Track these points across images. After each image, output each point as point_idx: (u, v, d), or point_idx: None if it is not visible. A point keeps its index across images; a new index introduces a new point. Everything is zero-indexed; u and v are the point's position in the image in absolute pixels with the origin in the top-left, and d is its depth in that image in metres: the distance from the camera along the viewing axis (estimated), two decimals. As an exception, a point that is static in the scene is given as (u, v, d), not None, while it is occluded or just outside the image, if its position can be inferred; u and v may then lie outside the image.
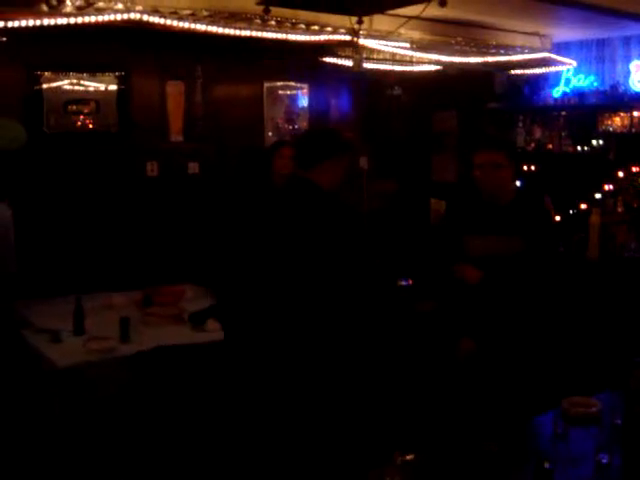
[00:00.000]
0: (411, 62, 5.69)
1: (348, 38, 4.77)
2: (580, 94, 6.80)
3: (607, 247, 5.44)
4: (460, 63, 5.43)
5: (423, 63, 5.81)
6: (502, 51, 5.41)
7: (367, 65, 5.37)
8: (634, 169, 6.47)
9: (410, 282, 6.04)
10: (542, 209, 3.98)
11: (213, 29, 4.58)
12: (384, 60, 5.59)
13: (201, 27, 4.54)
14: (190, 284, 5.31)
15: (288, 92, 6.96)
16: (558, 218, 6.18)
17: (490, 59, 5.33)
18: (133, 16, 4.11)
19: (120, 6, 4.16)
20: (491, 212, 3.89)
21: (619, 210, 5.74)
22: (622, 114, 6.47)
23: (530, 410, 3.61)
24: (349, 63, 5.47)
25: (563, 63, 5.97)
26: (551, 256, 3.89)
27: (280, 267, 3.56)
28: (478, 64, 5.48)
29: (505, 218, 3.85)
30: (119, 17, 4.10)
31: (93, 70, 5.84)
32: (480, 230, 3.93)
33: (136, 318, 4.49)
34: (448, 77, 6.93)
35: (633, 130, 6.41)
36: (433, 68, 5.99)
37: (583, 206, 6.60)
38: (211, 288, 5.18)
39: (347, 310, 3.59)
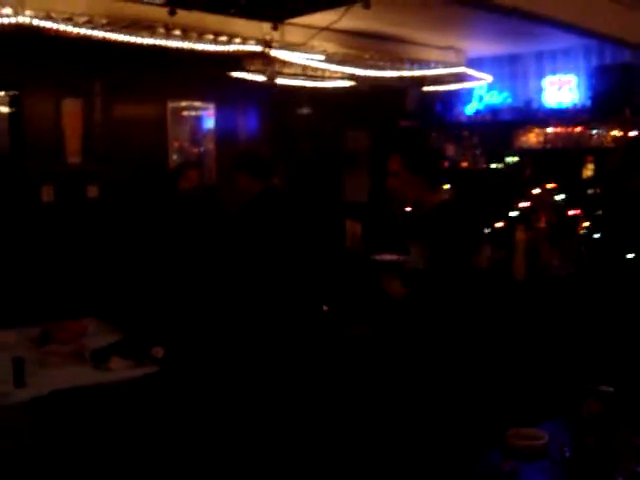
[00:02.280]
0: (323, 77, 5.42)
1: (259, 49, 4.46)
2: (494, 110, 6.70)
3: (533, 266, 5.28)
4: (375, 77, 5.19)
5: (336, 78, 5.55)
6: (417, 66, 5.21)
7: (278, 81, 5.08)
8: (549, 186, 6.36)
9: (326, 309, 5.79)
10: (453, 220, 3.72)
11: (112, 36, 4.20)
12: (295, 75, 5.31)
13: (98, 34, 4.15)
14: (92, 318, 4.89)
15: (193, 112, 6.61)
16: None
17: (406, 73, 5.11)
18: (22, 20, 3.70)
19: (8, 11, 3.74)
20: (410, 222, 3.69)
21: (541, 226, 5.59)
22: (537, 130, 6.38)
23: (467, 443, 3.38)
24: (259, 78, 5.16)
25: (479, 78, 5.83)
26: (454, 270, 3.62)
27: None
28: (393, 79, 5.26)
29: (420, 227, 3.65)
30: (6, 21, 3.68)
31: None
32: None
33: (32, 358, 4.05)
34: (359, 95, 6.73)
35: (548, 146, 6.31)
36: (346, 84, 5.73)
37: (499, 224, 6.46)
38: (116, 321, 4.78)
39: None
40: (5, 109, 5.52)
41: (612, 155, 6.13)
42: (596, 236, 5.75)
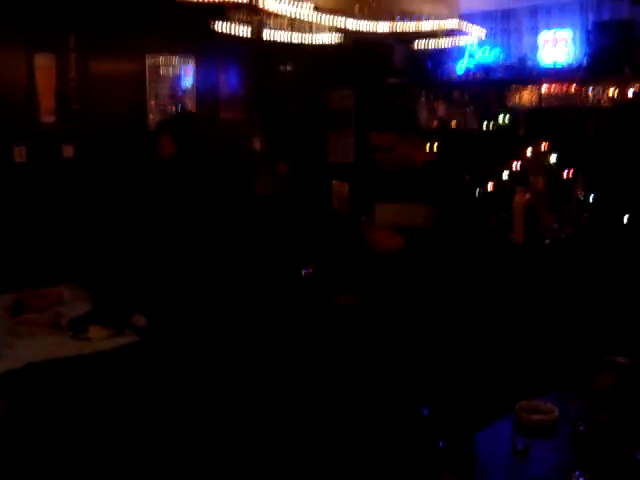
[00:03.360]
0: (310, 30, 5.15)
1: (246, -2, 4.19)
2: (486, 69, 6.45)
3: (532, 229, 5.09)
4: (364, 32, 4.92)
5: (323, 31, 5.27)
6: (408, 18, 4.95)
7: (264, 35, 4.81)
8: (543, 146, 6.15)
9: (310, 270, 5.60)
10: (460, 179, 3.55)
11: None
12: (280, 28, 5.03)
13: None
14: (68, 284, 4.66)
15: (172, 69, 6.30)
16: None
17: (399, 25, 4.85)
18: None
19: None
20: (400, 179, 3.48)
21: (539, 188, 5.39)
22: (530, 89, 6.15)
23: (472, 416, 3.21)
24: (243, 31, 4.88)
25: (471, 33, 5.56)
26: (470, 232, 3.45)
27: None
28: (381, 34, 4.99)
29: (415, 184, 3.44)
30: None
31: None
32: (389, 197, 3.51)
33: (5, 328, 3.83)
34: (344, 52, 6.45)
35: (543, 105, 6.09)
36: (334, 38, 5.46)
37: (490, 186, 6.28)
38: (94, 288, 4.56)
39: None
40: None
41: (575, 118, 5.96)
42: (591, 198, 5.58)
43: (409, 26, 4.91)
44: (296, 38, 5.16)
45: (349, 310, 4.68)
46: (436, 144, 6.56)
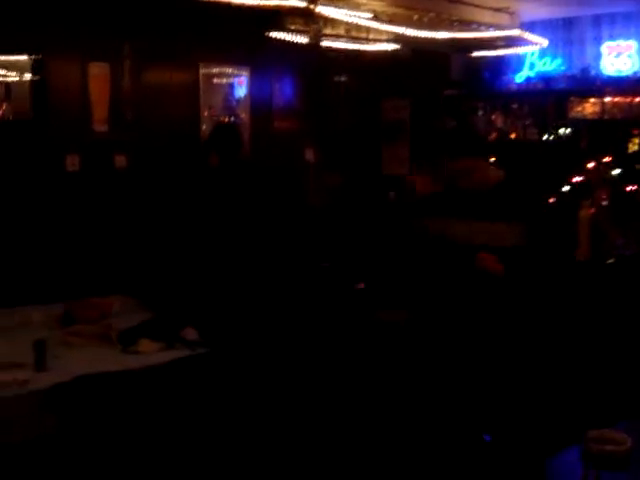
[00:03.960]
0: (367, 40, 5.04)
1: (303, 4, 4.08)
2: (547, 79, 6.28)
3: (597, 245, 4.89)
4: (421, 40, 4.80)
5: (380, 41, 5.16)
6: (467, 27, 4.81)
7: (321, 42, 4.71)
8: (605, 159, 5.95)
9: (362, 285, 5.47)
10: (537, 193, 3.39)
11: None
12: (338, 37, 4.93)
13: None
14: (119, 295, 4.58)
15: (226, 79, 6.23)
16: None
17: (458, 35, 4.72)
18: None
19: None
20: (473, 196, 3.31)
21: (603, 203, 5.20)
22: (593, 100, 5.96)
23: (537, 443, 3.03)
24: (301, 39, 4.78)
25: (532, 43, 5.41)
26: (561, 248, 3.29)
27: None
28: (439, 42, 4.87)
29: (491, 202, 3.27)
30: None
31: (2, 51, 5.02)
32: (463, 214, 3.34)
33: (55, 339, 3.75)
34: (400, 61, 6.34)
35: (605, 117, 5.89)
36: (390, 47, 5.34)
37: (551, 200, 6.07)
38: (145, 299, 4.48)
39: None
40: (28, 74, 5.19)
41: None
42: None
43: (468, 34, 4.76)
44: (352, 47, 5.04)
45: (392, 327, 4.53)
46: (493, 158, 6.39)
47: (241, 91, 6.28)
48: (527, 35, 5.20)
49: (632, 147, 5.97)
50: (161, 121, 5.79)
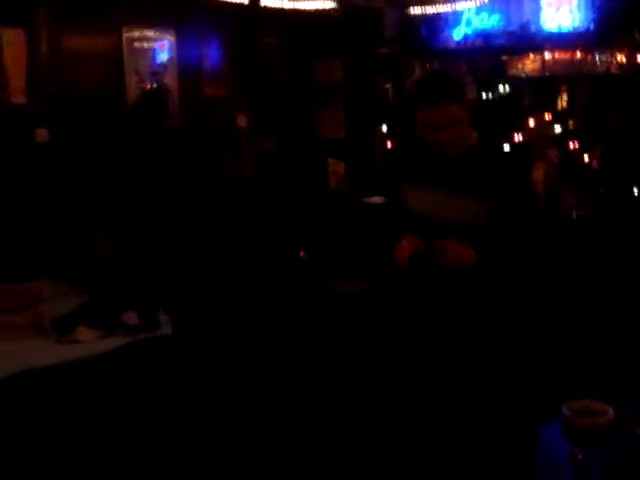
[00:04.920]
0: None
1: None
2: (485, 35, 6.08)
3: (553, 206, 4.76)
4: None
5: (316, -1, 4.89)
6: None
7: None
8: (547, 116, 5.83)
9: (303, 254, 5.27)
10: (515, 164, 3.14)
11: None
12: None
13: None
14: (47, 279, 4.25)
15: (151, 43, 5.86)
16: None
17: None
18: None
19: None
20: (439, 164, 3.03)
21: (555, 161, 5.06)
22: (533, 56, 5.80)
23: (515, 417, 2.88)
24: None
25: (473, -2, 5.21)
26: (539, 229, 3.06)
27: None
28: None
29: (460, 173, 2.98)
30: None
31: None
32: (427, 182, 3.06)
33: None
34: (332, 20, 6.08)
35: (546, 73, 5.75)
36: (327, 5, 5.08)
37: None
38: (78, 282, 4.17)
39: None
40: None
41: (582, 86, 5.65)
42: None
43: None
44: (289, 5, 4.77)
45: (348, 297, 4.35)
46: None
47: (168, 55, 5.92)
48: (468, -11, 5.00)
49: (560, 104, 5.85)
50: (84, 90, 5.43)
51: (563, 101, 5.81)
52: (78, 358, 3.26)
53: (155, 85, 5.89)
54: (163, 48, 5.84)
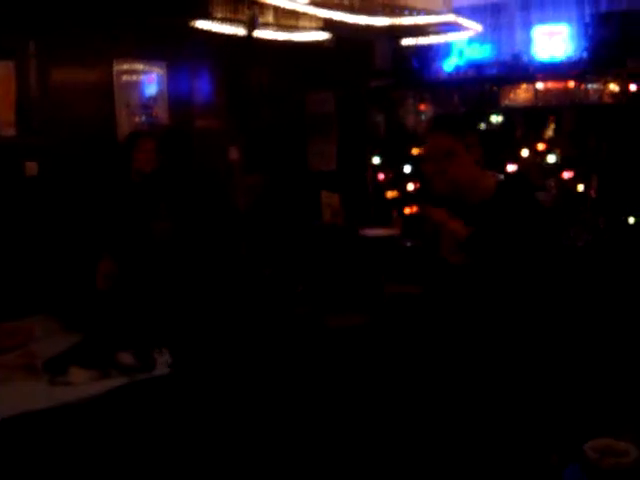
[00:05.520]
0: (296, 28, 4.73)
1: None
2: (477, 66, 6.09)
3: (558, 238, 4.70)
4: (356, 26, 4.51)
5: (310, 29, 4.85)
6: (405, 12, 4.55)
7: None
8: (540, 147, 5.81)
9: (300, 289, 5.21)
10: (533, 209, 2.99)
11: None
12: (265, 25, 4.60)
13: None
14: (38, 316, 4.16)
15: (142, 76, 5.79)
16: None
17: (399, 21, 4.44)
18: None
19: None
20: (459, 213, 2.88)
21: (552, 192, 5.01)
22: (526, 86, 5.79)
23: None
24: (227, 29, 4.44)
25: (467, 28, 5.18)
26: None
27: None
28: (378, 27, 4.58)
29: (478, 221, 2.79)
30: None
31: None
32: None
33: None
34: (323, 52, 6.05)
35: (539, 103, 5.74)
36: (321, 36, 5.04)
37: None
38: (69, 320, 4.07)
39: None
40: None
41: (568, 115, 5.64)
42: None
43: (405, 20, 4.49)
44: (283, 37, 4.72)
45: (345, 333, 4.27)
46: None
47: (159, 88, 5.85)
48: (462, 21, 4.97)
49: (547, 133, 5.85)
50: (74, 123, 5.32)
51: (550, 130, 5.81)
52: (72, 400, 3.15)
53: (144, 118, 5.83)
54: (152, 81, 5.77)
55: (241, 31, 4.37)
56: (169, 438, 3.25)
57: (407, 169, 6.33)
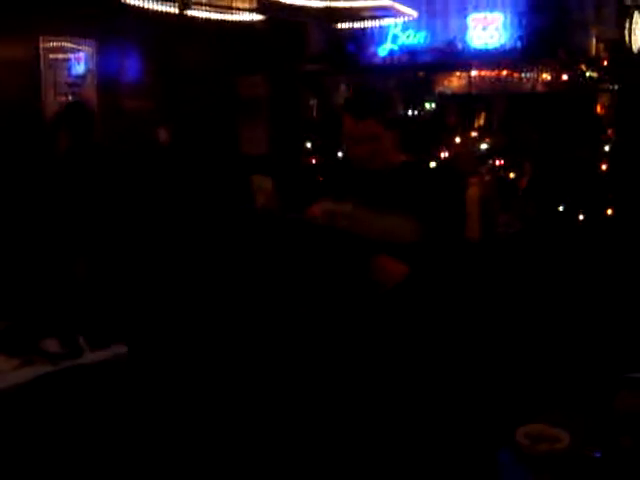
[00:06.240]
0: (230, 9, 4.63)
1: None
2: (412, 52, 6.07)
3: (487, 225, 4.73)
4: (291, 7, 4.44)
5: (244, 10, 4.76)
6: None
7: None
8: (473, 134, 5.84)
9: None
10: (445, 184, 3.06)
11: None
12: (199, 4, 4.50)
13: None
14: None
15: (70, 54, 5.61)
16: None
17: (332, 3, 4.38)
18: None
19: None
20: (368, 179, 2.93)
21: (486, 179, 5.04)
22: (460, 74, 5.81)
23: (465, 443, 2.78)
24: (160, 7, 4.32)
25: (403, 14, 5.16)
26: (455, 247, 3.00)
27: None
28: (313, 9, 4.51)
29: (389, 189, 2.89)
30: None
31: None
32: (352, 199, 2.94)
33: None
34: (256, 34, 5.95)
35: (473, 91, 5.76)
36: (255, 17, 4.95)
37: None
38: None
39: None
40: None
41: (501, 103, 5.71)
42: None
43: (340, 3, 4.44)
44: (216, 17, 4.62)
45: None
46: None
47: (87, 67, 5.67)
48: (398, 6, 4.94)
49: (479, 122, 5.90)
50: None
51: (482, 118, 5.85)
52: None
53: (71, 98, 5.65)
54: (80, 60, 5.60)
55: (173, 9, 4.24)
56: (94, 429, 3.16)
57: (340, 154, 6.29)
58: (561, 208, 5.23)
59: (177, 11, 4.10)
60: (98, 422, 3.16)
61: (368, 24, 5.35)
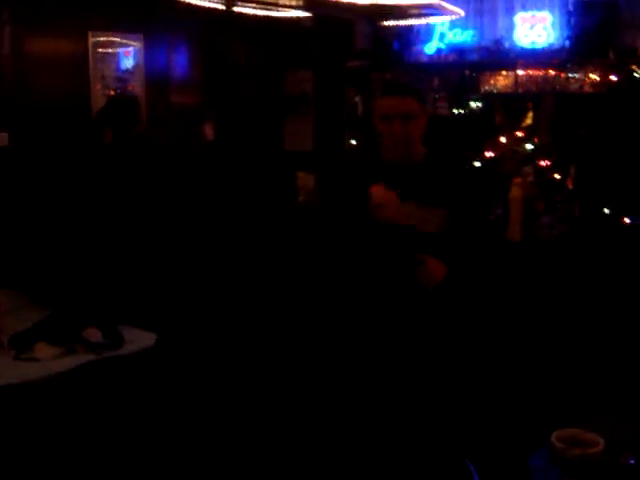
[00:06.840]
0: (276, 6, 4.65)
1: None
2: (458, 50, 6.03)
3: (530, 226, 4.68)
4: (338, 4, 4.44)
5: (290, 8, 4.78)
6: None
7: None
8: (519, 134, 5.78)
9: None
10: (470, 172, 3.10)
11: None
12: (246, 1, 4.53)
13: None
14: (4, 290, 4.05)
15: (118, 49, 5.68)
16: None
17: (379, 0, 4.38)
18: None
19: None
20: (399, 174, 2.95)
21: (529, 180, 4.99)
22: (506, 73, 5.75)
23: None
24: (205, 3, 4.36)
25: (450, 12, 5.13)
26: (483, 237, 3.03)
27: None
28: (358, 9, 4.52)
29: (419, 182, 2.93)
30: None
31: None
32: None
33: None
34: (303, 31, 5.99)
35: (519, 90, 5.70)
36: (301, 14, 4.97)
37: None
38: (36, 295, 3.99)
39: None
40: None
41: (547, 103, 5.63)
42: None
43: (387, 0, 4.44)
44: (262, 14, 4.65)
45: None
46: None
47: (133, 62, 5.75)
48: (445, 4, 4.92)
49: (526, 121, 5.83)
50: (47, 96, 5.22)
51: (529, 118, 5.79)
52: (37, 377, 3.09)
53: (117, 91, 5.72)
54: (128, 54, 5.68)
55: (220, 5, 4.27)
56: (134, 419, 3.21)
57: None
58: (607, 211, 5.16)
59: (224, 7, 4.12)
60: (135, 411, 3.21)
61: (415, 22, 5.33)
